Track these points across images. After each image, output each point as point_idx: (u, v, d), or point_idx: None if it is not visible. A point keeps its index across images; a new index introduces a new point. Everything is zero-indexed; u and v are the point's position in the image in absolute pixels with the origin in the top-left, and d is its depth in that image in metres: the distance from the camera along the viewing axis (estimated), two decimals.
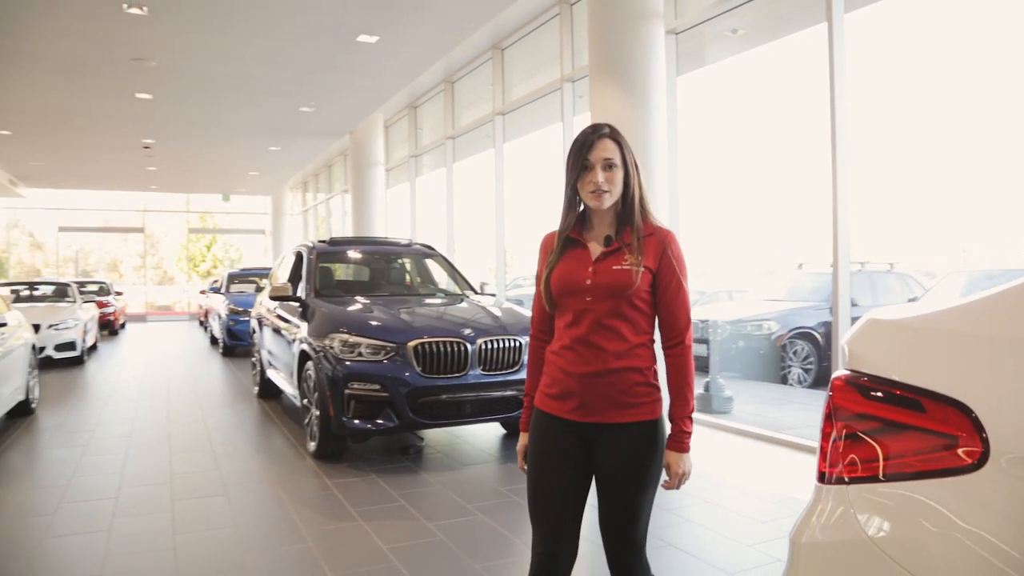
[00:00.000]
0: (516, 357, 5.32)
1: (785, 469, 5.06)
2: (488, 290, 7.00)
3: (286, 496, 4.51)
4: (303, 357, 5.70)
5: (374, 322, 5.38)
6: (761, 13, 6.25)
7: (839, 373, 1.35)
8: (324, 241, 7.20)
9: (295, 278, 6.79)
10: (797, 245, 9.13)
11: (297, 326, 6.02)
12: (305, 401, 5.67)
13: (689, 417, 2.03)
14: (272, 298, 6.72)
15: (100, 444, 5.92)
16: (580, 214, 2.07)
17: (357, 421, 5.03)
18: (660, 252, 1.99)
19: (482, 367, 5.19)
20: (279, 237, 23.93)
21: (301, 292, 6.33)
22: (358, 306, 5.89)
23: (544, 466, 2.06)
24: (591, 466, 2.05)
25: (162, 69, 9.38)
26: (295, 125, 13.11)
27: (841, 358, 1.40)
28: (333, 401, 5.06)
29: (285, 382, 6.62)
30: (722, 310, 9.51)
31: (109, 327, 16.70)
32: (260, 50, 8.71)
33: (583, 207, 2.06)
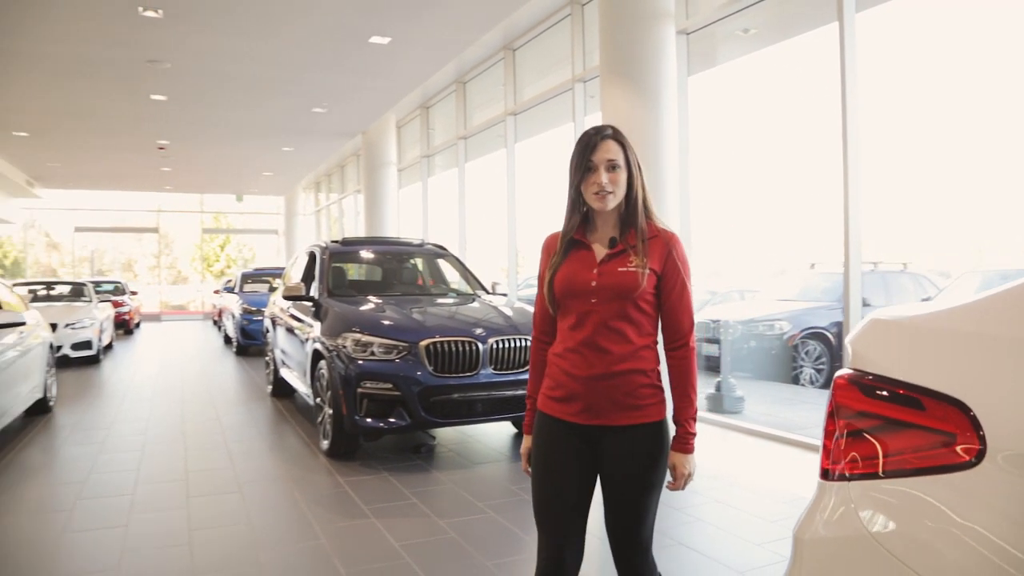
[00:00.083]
0: (527, 356, 5.34)
1: (796, 469, 5.06)
2: (500, 290, 7.02)
3: (299, 494, 4.56)
4: (316, 356, 5.75)
5: (386, 321, 5.42)
6: (772, 13, 6.25)
7: (842, 372, 1.37)
8: (337, 241, 7.24)
9: (308, 278, 6.84)
10: (809, 245, 9.09)
11: (310, 325, 6.07)
12: (318, 400, 5.72)
13: (693, 418, 2.02)
14: (285, 298, 6.78)
15: (116, 442, 6.00)
16: (583, 216, 2.06)
17: (369, 420, 5.07)
18: (665, 254, 1.99)
19: (493, 366, 5.23)
20: (292, 237, 24.02)
21: (314, 292, 6.38)
22: (370, 306, 5.93)
23: (549, 470, 2.05)
24: (596, 468, 2.04)
25: (176, 71, 9.46)
26: (308, 126, 13.17)
27: (845, 357, 1.42)
28: (346, 400, 5.10)
29: (298, 381, 6.68)
30: (734, 310, 9.48)
31: (124, 326, 16.84)
32: (273, 52, 8.78)
33: (586, 209, 2.05)
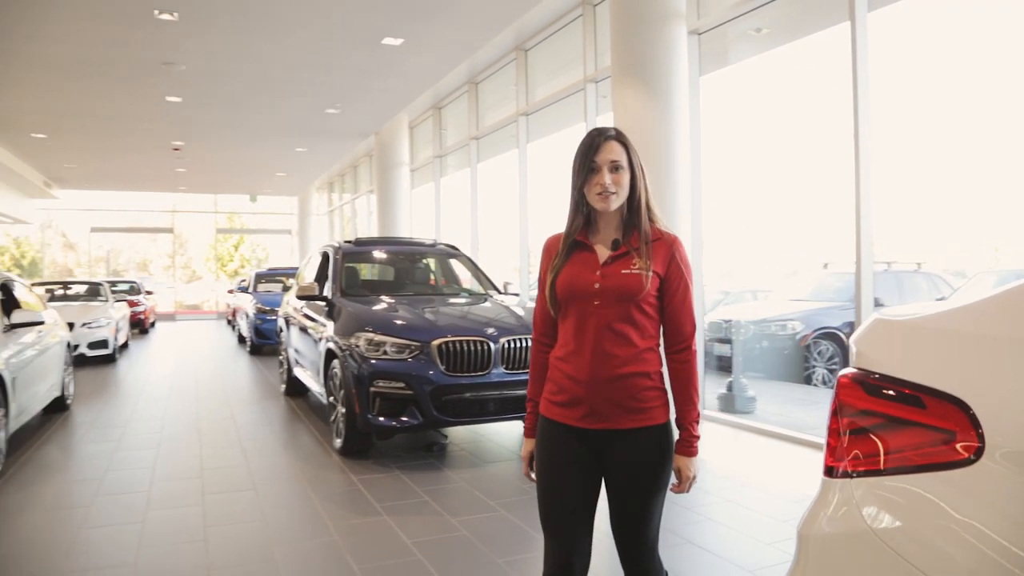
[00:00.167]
0: None
1: (807, 469, 5.05)
2: (511, 290, 7.04)
3: (313, 491, 4.60)
4: (329, 355, 5.79)
5: (399, 321, 5.46)
6: (784, 12, 6.24)
7: (846, 371, 1.39)
8: (350, 241, 7.29)
9: (321, 278, 6.89)
10: (822, 245, 9.05)
11: (323, 325, 6.11)
12: (331, 399, 5.77)
13: (696, 421, 2.02)
14: (299, 297, 6.83)
15: (133, 439, 6.08)
16: (586, 217, 2.04)
17: (382, 418, 5.11)
18: (668, 257, 1.97)
19: (505, 366, 5.25)
20: (305, 237, 24.15)
21: (327, 291, 6.43)
22: (383, 305, 5.97)
23: (554, 476, 2.03)
24: (600, 472, 2.03)
25: (191, 73, 9.56)
26: (321, 126, 13.25)
27: (850, 356, 1.44)
28: (359, 399, 5.14)
29: (312, 380, 6.73)
30: (746, 310, 9.46)
31: (140, 326, 16.98)
32: (286, 53, 8.85)
33: (588, 210, 2.03)
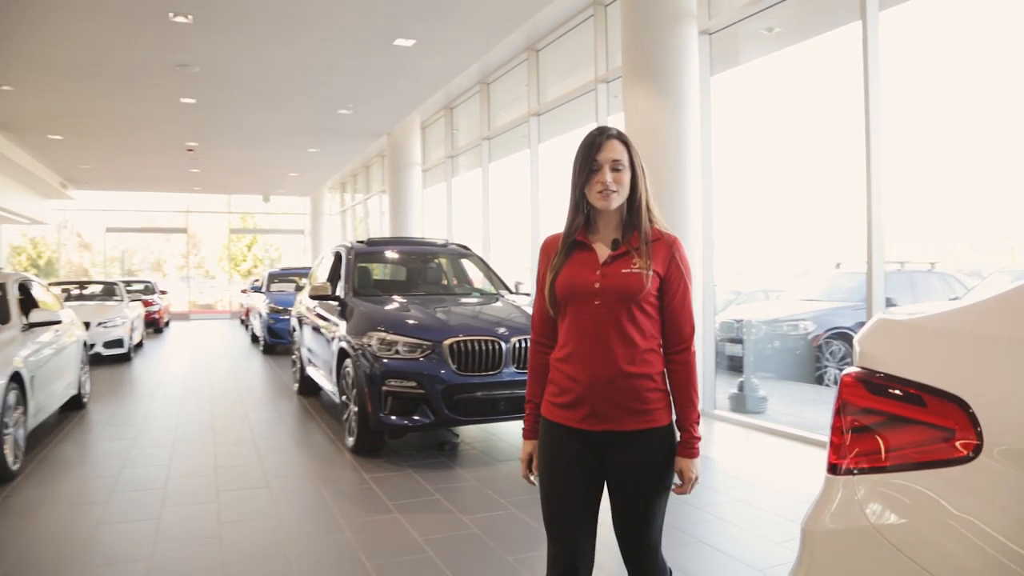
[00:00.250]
0: None
1: (818, 469, 5.02)
2: (523, 289, 7.06)
3: (326, 489, 4.65)
4: (342, 355, 5.84)
5: (411, 321, 5.49)
6: (795, 12, 6.23)
7: (849, 370, 1.41)
8: (362, 241, 7.33)
9: (334, 278, 6.94)
10: (834, 244, 9.01)
11: (336, 324, 6.16)
12: (344, 397, 5.81)
13: (697, 422, 2.01)
14: (312, 297, 6.88)
15: (148, 437, 6.15)
16: (586, 217, 2.03)
17: (394, 417, 5.14)
18: (668, 257, 1.97)
19: (516, 365, 5.27)
20: (318, 237, 24.26)
21: (340, 291, 6.47)
22: (395, 305, 6.01)
23: (557, 478, 2.02)
24: (602, 473, 2.02)
25: (205, 74, 9.64)
26: (333, 127, 13.32)
27: (853, 356, 1.46)
28: (371, 398, 5.18)
29: (324, 379, 6.78)
30: (758, 310, 9.43)
31: (154, 325, 17.13)
32: (299, 55, 8.91)
33: (588, 210, 2.02)
